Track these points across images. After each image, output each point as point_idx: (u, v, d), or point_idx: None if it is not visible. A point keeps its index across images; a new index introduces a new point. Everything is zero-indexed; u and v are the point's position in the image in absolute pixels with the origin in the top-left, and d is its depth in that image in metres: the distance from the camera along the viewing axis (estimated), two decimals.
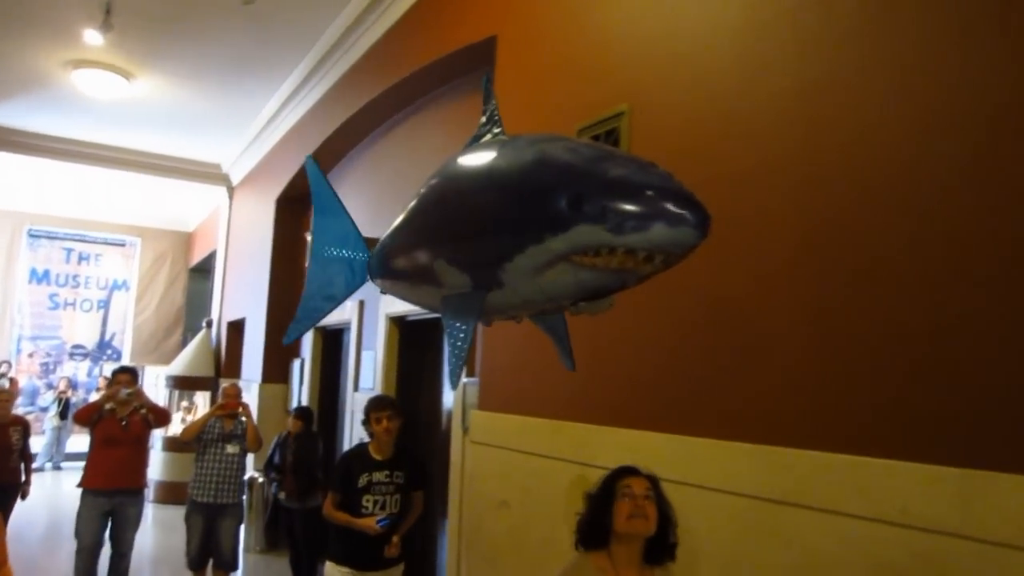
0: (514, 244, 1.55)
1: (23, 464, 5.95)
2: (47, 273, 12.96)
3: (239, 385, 5.57)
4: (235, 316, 9.07)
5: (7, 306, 12.46)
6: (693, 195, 1.44)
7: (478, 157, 1.81)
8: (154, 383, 10.45)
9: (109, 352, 13.25)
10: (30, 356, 12.72)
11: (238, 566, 5.31)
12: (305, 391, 6.96)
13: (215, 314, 9.98)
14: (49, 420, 11.61)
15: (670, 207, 1.40)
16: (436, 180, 1.93)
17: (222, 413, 5.16)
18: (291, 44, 6.16)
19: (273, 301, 7.59)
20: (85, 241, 13.21)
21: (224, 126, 8.28)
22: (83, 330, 13.17)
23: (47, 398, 12.08)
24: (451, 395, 4.29)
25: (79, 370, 13.02)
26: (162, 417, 5.36)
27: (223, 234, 10.10)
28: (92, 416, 4.98)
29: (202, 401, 9.40)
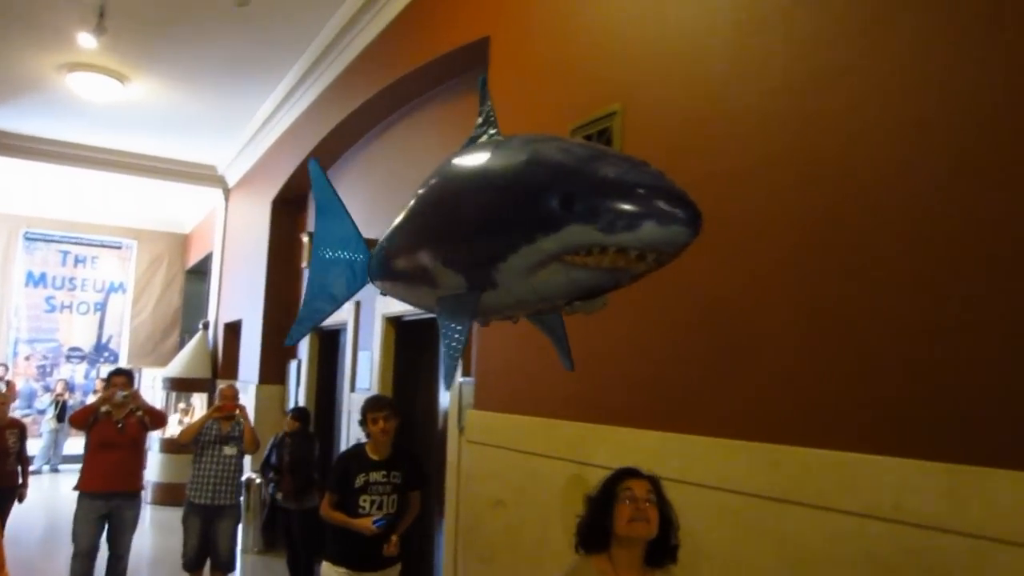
0: (507, 244, 1.56)
1: (20, 467, 5.95)
2: (43, 276, 12.93)
3: (236, 387, 5.57)
4: (232, 317, 9.07)
5: (3, 309, 12.42)
6: (684, 193, 1.45)
7: (473, 158, 1.82)
8: (151, 385, 10.42)
9: (106, 354, 13.22)
10: (27, 359, 12.70)
11: (235, 567, 5.32)
12: (302, 392, 6.95)
13: (212, 316, 9.97)
14: (46, 423, 11.60)
15: (661, 205, 1.41)
16: (432, 181, 1.94)
17: (219, 415, 5.16)
18: (285, 46, 6.15)
19: (269, 302, 7.58)
20: (81, 244, 13.18)
21: (219, 128, 8.27)
22: (80, 333, 13.14)
23: (44, 401, 12.05)
24: (447, 395, 4.30)
25: (76, 373, 12.99)
26: (158, 419, 5.35)
27: (219, 236, 10.09)
28: (88, 419, 4.97)
29: (199, 403, 9.39)
